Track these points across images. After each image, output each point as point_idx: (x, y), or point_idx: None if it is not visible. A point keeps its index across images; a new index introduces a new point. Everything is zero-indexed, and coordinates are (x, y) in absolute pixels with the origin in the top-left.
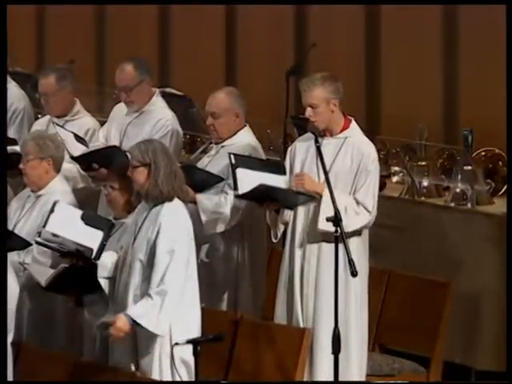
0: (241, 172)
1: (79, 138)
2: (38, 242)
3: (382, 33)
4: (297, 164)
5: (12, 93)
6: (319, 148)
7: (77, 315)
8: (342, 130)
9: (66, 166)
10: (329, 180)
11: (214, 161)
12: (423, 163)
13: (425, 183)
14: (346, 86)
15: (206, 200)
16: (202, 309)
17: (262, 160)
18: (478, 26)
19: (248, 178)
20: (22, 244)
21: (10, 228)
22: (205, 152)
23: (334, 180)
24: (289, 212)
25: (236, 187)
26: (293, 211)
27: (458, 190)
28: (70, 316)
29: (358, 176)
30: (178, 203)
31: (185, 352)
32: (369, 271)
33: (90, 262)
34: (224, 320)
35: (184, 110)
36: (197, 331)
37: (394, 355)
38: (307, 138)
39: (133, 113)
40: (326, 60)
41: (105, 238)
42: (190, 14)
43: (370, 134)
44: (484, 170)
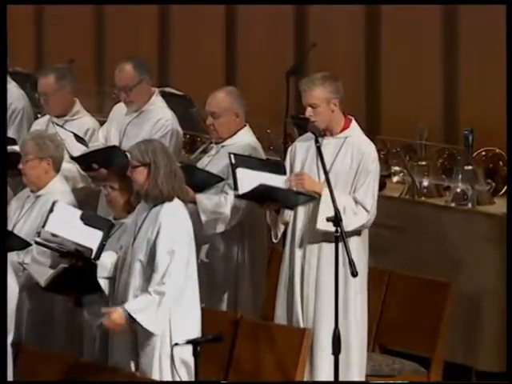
0: (241, 172)
1: (79, 138)
2: (38, 242)
3: (382, 33)
4: (297, 164)
5: (11, 92)
6: (319, 148)
7: (76, 315)
8: (343, 130)
9: (65, 166)
10: (329, 180)
11: (214, 161)
12: (423, 163)
13: (425, 183)
14: (346, 85)
15: (206, 200)
16: (202, 309)
17: (262, 160)
18: (477, 26)
19: (248, 177)
20: (22, 244)
21: (9, 228)
22: (205, 152)
23: (334, 180)
24: (289, 212)
25: (236, 187)
26: (293, 211)
27: (458, 189)
28: (70, 316)
29: (358, 176)
30: (177, 203)
31: (185, 352)
32: (369, 271)
33: (89, 262)
34: (224, 320)
35: (184, 109)
36: (197, 331)
37: (394, 356)
38: (307, 137)
39: (132, 112)
40: (326, 60)
41: (104, 238)
42: (189, 13)
43: (371, 133)
44: (484, 170)
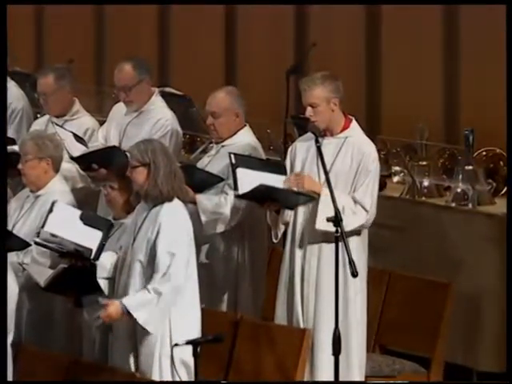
0: (241, 172)
1: (78, 138)
2: (37, 243)
3: (382, 33)
4: (297, 164)
5: (11, 92)
6: (319, 148)
7: (76, 316)
8: (343, 130)
9: (65, 166)
10: (329, 180)
11: (214, 161)
12: (424, 163)
13: (425, 183)
14: (346, 85)
15: (206, 200)
16: (202, 309)
17: (262, 160)
18: (478, 26)
19: (248, 177)
20: (21, 244)
21: (8, 228)
22: (205, 152)
23: (334, 180)
24: (289, 212)
25: (236, 187)
26: (293, 211)
27: (458, 190)
28: (69, 316)
29: (358, 176)
30: (177, 203)
31: (185, 353)
32: (369, 271)
33: (89, 262)
34: (224, 321)
35: (184, 109)
36: (197, 332)
37: (394, 356)
38: (308, 137)
39: (132, 112)
40: (326, 60)
41: (104, 238)
42: (189, 13)
43: (371, 133)
44: (485, 170)
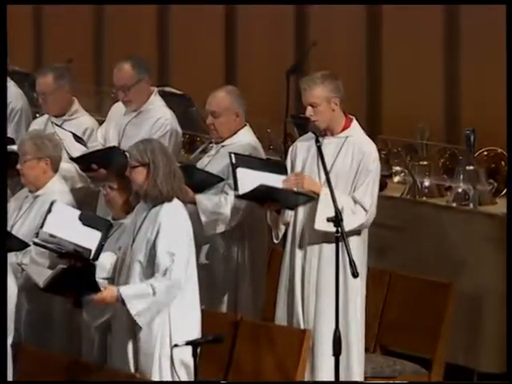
0: (241, 172)
1: (78, 138)
2: (36, 243)
3: (382, 33)
4: (298, 164)
5: (10, 92)
6: (320, 148)
7: (75, 316)
8: (343, 130)
9: (64, 166)
10: (329, 180)
11: (214, 160)
12: (425, 163)
13: (426, 183)
14: (346, 85)
15: (206, 200)
16: (202, 310)
17: (262, 160)
18: (478, 26)
19: (248, 177)
20: (20, 245)
21: (7, 229)
22: (204, 152)
23: (334, 180)
24: (290, 212)
25: (236, 187)
26: (293, 211)
27: (459, 190)
28: (68, 317)
29: (358, 175)
30: (177, 203)
31: (184, 353)
32: (369, 272)
33: (88, 262)
34: (224, 321)
35: (183, 109)
36: (196, 332)
37: (395, 357)
38: (308, 137)
39: (131, 112)
40: (326, 60)
41: (103, 238)
42: (189, 13)
43: (371, 133)
44: (486, 170)
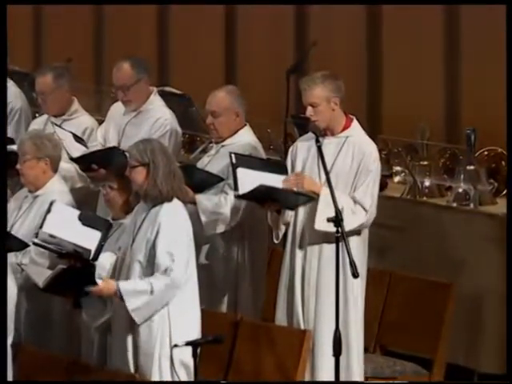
0: (241, 172)
1: (78, 138)
2: (36, 243)
3: (382, 33)
4: (298, 164)
5: (9, 91)
6: (320, 148)
7: (75, 316)
8: (344, 130)
9: (63, 166)
10: (330, 180)
11: (214, 160)
12: (425, 163)
13: (427, 183)
14: (347, 85)
15: (206, 200)
16: (202, 310)
17: (262, 159)
18: (478, 26)
19: (249, 177)
20: (20, 245)
21: (7, 229)
22: (204, 151)
23: (335, 180)
24: (290, 212)
25: (236, 187)
26: (294, 212)
27: (460, 190)
28: (68, 317)
29: (359, 175)
30: (177, 203)
31: (184, 354)
32: (369, 272)
33: (87, 263)
34: (224, 321)
35: (183, 109)
36: (196, 333)
37: (395, 357)
38: (309, 137)
39: (131, 112)
40: (326, 60)
41: (103, 238)
42: (189, 13)
43: (372, 133)
44: (487, 170)
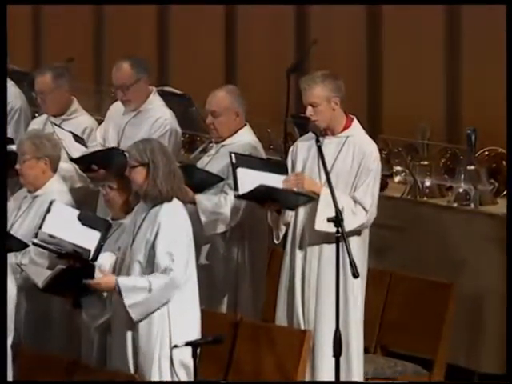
0: (241, 172)
1: (78, 138)
2: (35, 243)
3: (383, 32)
4: (298, 164)
5: (9, 91)
6: (320, 147)
7: (74, 317)
8: (344, 129)
9: (63, 166)
10: (330, 180)
11: (214, 160)
12: (425, 163)
13: (427, 183)
14: (347, 85)
15: (206, 200)
16: (202, 310)
17: (263, 159)
18: (479, 26)
19: (249, 177)
20: (19, 245)
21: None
22: (204, 151)
23: (335, 180)
24: (290, 213)
25: (236, 187)
26: (294, 212)
27: (460, 190)
28: (68, 317)
29: (359, 175)
30: (177, 203)
31: (184, 354)
32: (370, 272)
33: (87, 263)
34: (224, 322)
35: (183, 108)
36: (196, 333)
37: (396, 357)
38: (309, 137)
39: (130, 112)
40: (326, 60)
41: (102, 238)
42: (189, 13)
43: (372, 133)
44: (487, 170)
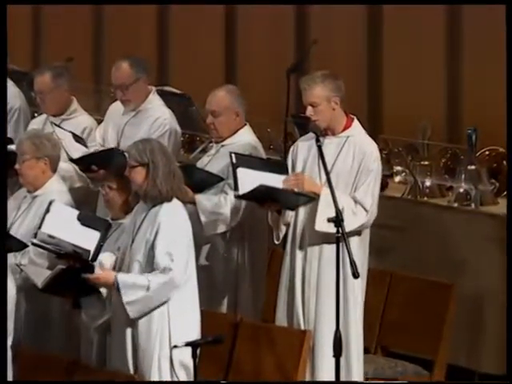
0: (241, 172)
1: (78, 138)
2: (34, 244)
3: (383, 32)
4: (299, 164)
5: (8, 91)
6: (320, 147)
7: (74, 317)
8: (344, 129)
9: (62, 166)
10: (330, 180)
11: (214, 160)
12: (426, 163)
13: (427, 183)
14: (347, 85)
15: (206, 201)
16: (202, 311)
17: (263, 159)
18: (480, 26)
19: (249, 177)
20: (19, 245)
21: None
22: (204, 151)
23: (335, 180)
24: (290, 213)
25: (236, 187)
26: (294, 212)
27: (461, 190)
28: (67, 318)
29: (359, 175)
30: (177, 203)
31: (184, 355)
32: (370, 272)
33: (87, 263)
34: (224, 322)
35: (183, 108)
36: (196, 333)
37: (396, 358)
38: (309, 137)
39: (130, 112)
40: (326, 60)
41: (102, 239)
42: (189, 13)
43: (372, 133)
44: (488, 170)
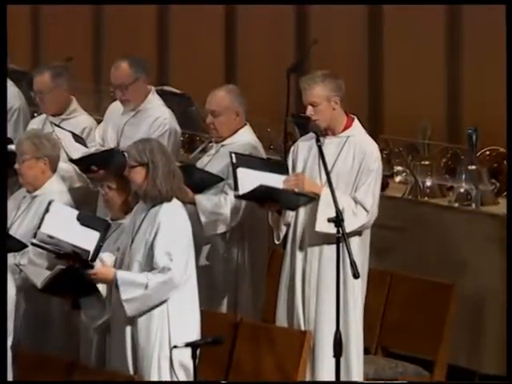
0: (241, 172)
1: (77, 137)
2: (34, 244)
3: (383, 32)
4: (299, 164)
5: (8, 91)
6: (320, 147)
7: (73, 317)
8: (345, 129)
9: (62, 166)
10: (330, 180)
11: (214, 160)
12: (426, 163)
13: (428, 183)
14: (347, 85)
15: (205, 201)
16: (202, 311)
17: (263, 159)
18: (480, 26)
19: (249, 177)
20: (18, 245)
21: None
22: (204, 151)
23: (335, 180)
24: (291, 213)
25: (236, 187)
26: (294, 212)
27: (462, 190)
28: (67, 318)
29: (360, 175)
30: (176, 204)
31: (184, 355)
32: (371, 272)
33: (86, 263)
34: (224, 322)
35: (183, 108)
36: (196, 334)
37: (397, 358)
38: (310, 137)
39: (129, 112)
40: (326, 60)
41: (101, 239)
42: (189, 13)
43: (373, 133)
44: (488, 170)
